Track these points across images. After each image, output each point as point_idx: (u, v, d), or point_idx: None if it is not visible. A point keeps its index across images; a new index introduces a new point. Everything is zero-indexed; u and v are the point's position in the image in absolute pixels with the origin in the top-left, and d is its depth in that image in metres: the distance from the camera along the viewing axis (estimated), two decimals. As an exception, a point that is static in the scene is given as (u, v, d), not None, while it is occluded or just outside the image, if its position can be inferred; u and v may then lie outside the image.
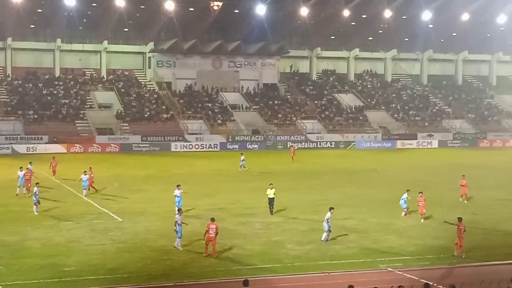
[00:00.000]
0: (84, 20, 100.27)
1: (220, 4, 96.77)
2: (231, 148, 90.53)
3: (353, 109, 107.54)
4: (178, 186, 39.06)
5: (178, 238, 29.99)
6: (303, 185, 52.68)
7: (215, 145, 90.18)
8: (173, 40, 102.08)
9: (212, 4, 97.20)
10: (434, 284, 23.21)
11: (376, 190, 49.92)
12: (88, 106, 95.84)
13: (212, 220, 29.55)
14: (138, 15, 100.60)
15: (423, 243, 30.59)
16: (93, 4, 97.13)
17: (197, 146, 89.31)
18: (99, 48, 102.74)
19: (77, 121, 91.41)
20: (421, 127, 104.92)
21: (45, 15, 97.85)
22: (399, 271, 26.57)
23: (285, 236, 32.86)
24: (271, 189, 38.57)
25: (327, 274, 26.06)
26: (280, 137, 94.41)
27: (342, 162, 75.36)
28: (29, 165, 50.72)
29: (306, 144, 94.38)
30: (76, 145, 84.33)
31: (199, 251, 29.57)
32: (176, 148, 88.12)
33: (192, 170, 63.15)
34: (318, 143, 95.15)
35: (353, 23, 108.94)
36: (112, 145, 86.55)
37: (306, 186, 52.39)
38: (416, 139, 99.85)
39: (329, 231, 31.74)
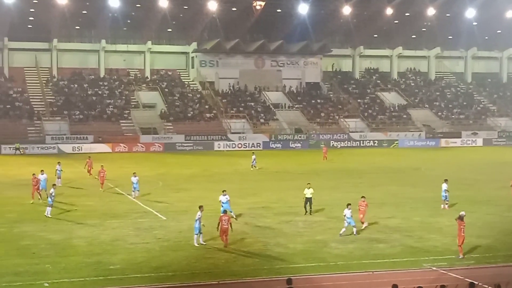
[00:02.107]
0: (128, 21, 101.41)
1: (263, 3, 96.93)
2: (274, 147, 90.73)
3: (396, 108, 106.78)
4: (223, 191, 36.83)
5: (195, 234, 30.32)
6: (346, 184, 52.49)
7: (258, 144, 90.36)
8: (216, 40, 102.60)
9: (254, 4, 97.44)
10: (479, 284, 22.95)
11: (420, 188, 49.52)
12: (133, 106, 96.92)
13: (224, 212, 31.53)
14: (181, 15, 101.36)
15: (468, 242, 30.17)
16: (137, 5, 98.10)
17: (240, 145, 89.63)
18: (143, 48, 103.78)
19: (121, 121, 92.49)
20: (466, 125, 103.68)
21: (89, 17, 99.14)
22: (443, 270, 26.30)
23: (328, 235, 32.77)
24: (309, 188, 38.42)
25: (371, 273, 25.90)
26: (322, 136, 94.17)
27: (385, 160, 74.88)
28: (57, 165, 51.13)
29: (349, 142, 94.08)
30: (120, 144, 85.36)
31: (242, 249, 29.73)
32: (219, 147, 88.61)
33: (235, 169, 63.44)
34: (361, 141, 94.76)
35: (396, 21, 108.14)
36: (156, 144, 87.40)
37: (349, 184, 52.18)
38: (461, 137, 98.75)
39: (354, 226, 32.29)
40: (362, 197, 34.89)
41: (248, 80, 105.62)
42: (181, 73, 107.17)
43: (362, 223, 34.04)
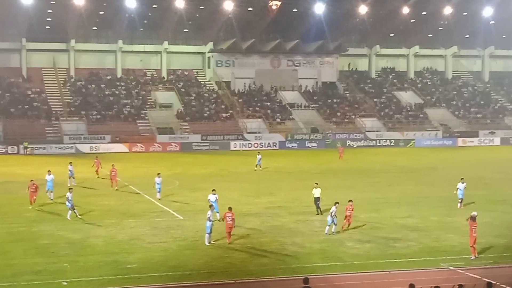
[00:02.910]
0: (145, 22, 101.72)
1: (279, 3, 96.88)
2: (290, 146, 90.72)
3: (413, 107, 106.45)
4: (213, 190, 36.94)
5: (207, 233, 30.52)
6: (362, 183, 52.41)
7: (274, 144, 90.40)
8: (232, 40, 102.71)
9: (270, 4, 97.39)
10: (497, 283, 22.86)
11: (437, 188, 49.36)
12: (149, 106, 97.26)
13: (230, 209, 31.36)
14: (197, 15, 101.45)
15: (486, 241, 30.13)
16: (154, 6, 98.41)
17: (256, 145, 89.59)
18: (160, 48, 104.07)
19: (138, 121, 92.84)
20: (483, 124, 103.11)
21: (107, 17, 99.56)
22: (461, 270, 26.25)
23: (345, 234, 32.78)
24: (316, 188, 38.36)
25: (387, 272, 25.92)
26: (339, 135, 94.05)
27: (402, 160, 74.68)
28: (69, 166, 51.13)
29: (365, 142, 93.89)
30: (137, 144, 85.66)
31: (259, 248, 29.84)
32: (235, 147, 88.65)
33: (251, 169, 63.38)
34: (378, 141, 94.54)
35: (413, 20, 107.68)
36: (172, 144, 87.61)
37: (365, 184, 52.11)
38: (478, 136, 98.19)
39: (335, 224, 32.41)
40: (350, 200, 33.95)
41: (264, 80, 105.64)
42: (197, 73, 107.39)
43: (349, 225, 33.63)
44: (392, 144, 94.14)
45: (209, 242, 30.46)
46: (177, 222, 36.14)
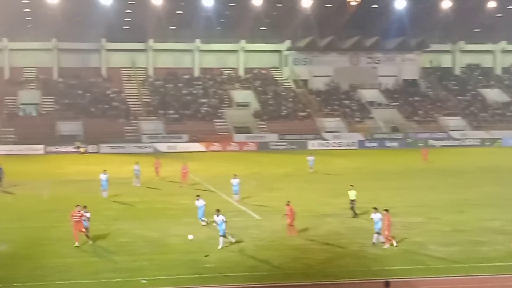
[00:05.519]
0: (222, 20, 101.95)
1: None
2: (370, 146, 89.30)
3: (500, 105, 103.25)
4: (197, 196, 35.77)
5: (221, 236, 30.19)
6: (444, 184, 50.97)
7: (353, 143, 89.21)
8: (310, 37, 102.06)
9: (349, 0, 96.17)
10: None
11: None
12: (226, 105, 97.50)
13: (288, 203, 32.30)
14: (274, 13, 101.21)
15: None
16: (231, 4, 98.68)
17: (334, 144, 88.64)
18: (237, 47, 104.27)
19: (215, 120, 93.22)
20: None
21: (184, 16, 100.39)
22: (553, 275, 24.98)
23: (427, 236, 31.73)
24: (351, 190, 37.22)
25: (473, 277, 24.89)
26: (421, 135, 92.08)
27: (487, 160, 72.36)
28: (136, 165, 51.09)
29: (448, 141, 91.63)
30: (214, 143, 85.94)
31: (337, 250, 29.22)
32: (313, 147, 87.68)
33: (329, 169, 62.57)
34: (462, 140, 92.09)
35: (499, 14, 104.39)
36: (249, 143, 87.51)
37: (447, 185, 50.63)
38: None
39: (378, 233, 29.90)
40: (385, 210, 30.02)
41: (342, 78, 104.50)
42: (274, 71, 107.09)
43: (389, 240, 29.60)
44: (477, 143, 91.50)
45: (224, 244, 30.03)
46: (254, 222, 35.78)
